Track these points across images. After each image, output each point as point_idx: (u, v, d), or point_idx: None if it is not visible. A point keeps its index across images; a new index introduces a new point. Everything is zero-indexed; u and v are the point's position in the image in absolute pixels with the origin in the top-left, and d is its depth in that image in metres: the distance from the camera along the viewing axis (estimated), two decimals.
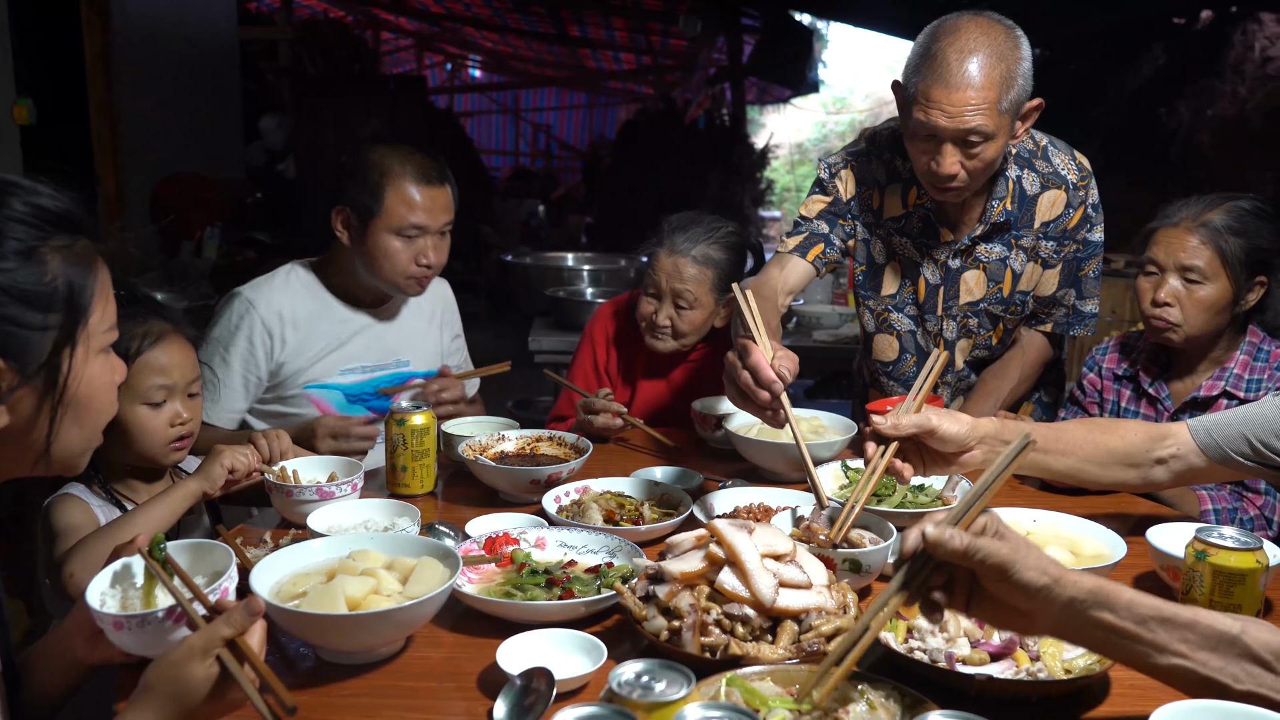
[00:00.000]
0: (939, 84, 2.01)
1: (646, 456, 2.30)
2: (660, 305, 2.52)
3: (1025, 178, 2.31)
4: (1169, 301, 2.19)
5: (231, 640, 1.10)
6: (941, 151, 2.07)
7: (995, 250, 2.35)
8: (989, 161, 2.10)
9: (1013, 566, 1.08)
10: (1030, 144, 2.34)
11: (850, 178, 2.42)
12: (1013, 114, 2.07)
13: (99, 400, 1.18)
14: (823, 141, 15.97)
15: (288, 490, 1.81)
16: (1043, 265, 2.37)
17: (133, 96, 6.30)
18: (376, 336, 2.49)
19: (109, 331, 1.18)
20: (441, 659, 1.38)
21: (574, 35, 12.47)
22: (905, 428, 1.58)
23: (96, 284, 1.14)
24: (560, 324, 4.30)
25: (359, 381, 2.45)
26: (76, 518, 1.80)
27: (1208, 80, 7.30)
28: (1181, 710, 1.14)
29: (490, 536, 1.65)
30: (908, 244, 2.40)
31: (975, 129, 2.03)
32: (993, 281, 2.38)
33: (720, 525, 1.37)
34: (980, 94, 2.00)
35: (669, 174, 9.80)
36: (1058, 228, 2.33)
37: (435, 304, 2.64)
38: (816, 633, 1.30)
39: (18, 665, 1.28)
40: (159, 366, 1.82)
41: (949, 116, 2.02)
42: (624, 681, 1.03)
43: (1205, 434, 1.71)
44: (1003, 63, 2.02)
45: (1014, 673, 1.29)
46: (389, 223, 2.30)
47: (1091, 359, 2.48)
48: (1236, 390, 2.22)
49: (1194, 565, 1.43)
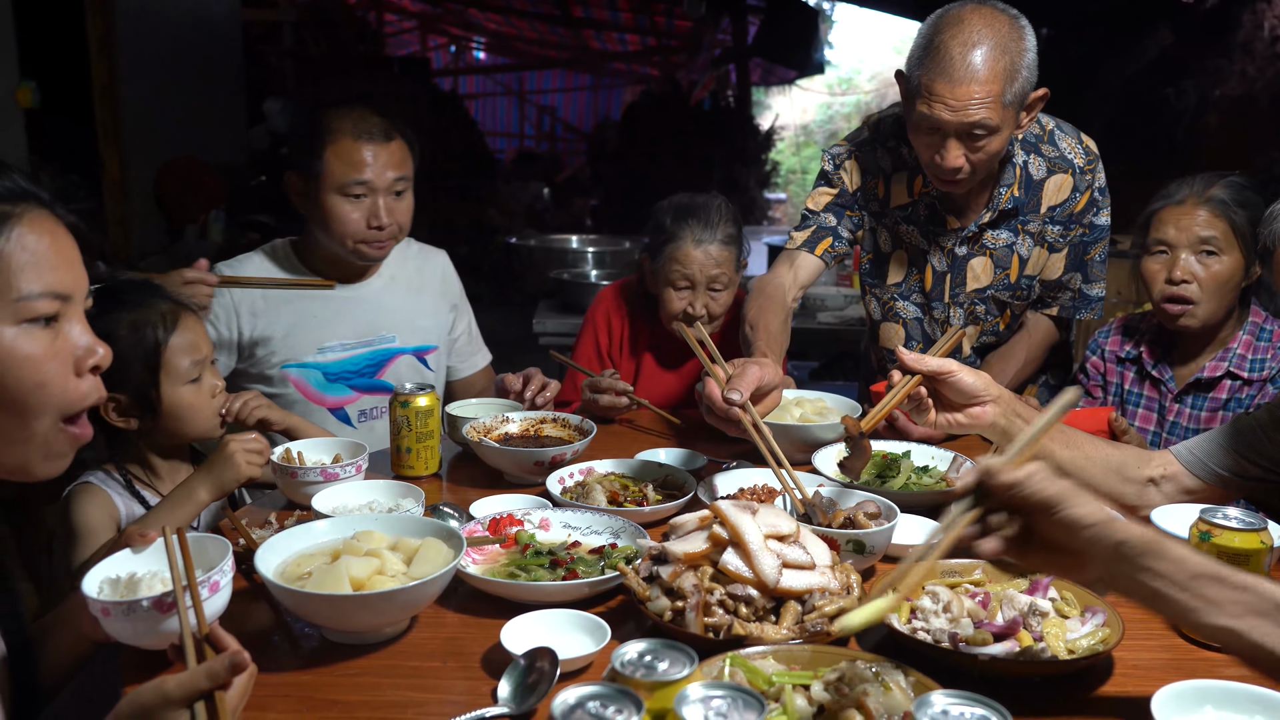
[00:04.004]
0: (942, 77, 2.00)
1: (650, 438, 2.30)
2: (695, 296, 2.51)
3: (1032, 163, 2.31)
4: (1185, 278, 2.18)
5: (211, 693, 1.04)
6: (946, 145, 2.07)
7: (1002, 237, 2.35)
8: (993, 154, 2.11)
9: (1062, 502, 1.12)
10: (1037, 128, 2.33)
11: (855, 168, 2.42)
12: (1017, 106, 2.07)
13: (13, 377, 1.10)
14: (828, 123, 15.91)
15: (292, 472, 1.81)
16: (1049, 249, 2.37)
17: (135, 80, 6.30)
18: (355, 311, 2.41)
19: (31, 301, 1.11)
20: (445, 639, 1.38)
21: (578, 16, 12.41)
22: (928, 364, 1.65)
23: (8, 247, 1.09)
24: (565, 306, 4.30)
25: (339, 360, 2.39)
26: (96, 516, 1.78)
27: (1215, 60, 7.25)
28: (1183, 690, 1.14)
29: (494, 517, 1.66)
30: (914, 232, 2.41)
31: (979, 123, 2.02)
32: (1000, 268, 2.38)
33: (724, 506, 1.37)
34: (984, 88, 1.99)
35: (674, 156, 9.77)
36: (1064, 212, 2.33)
37: (424, 275, 2.56)
38: (820, 613, 1.30)
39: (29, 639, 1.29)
40: (187, 345, 1.82)
41: (953, 111, 2.01)
42: (627, 661, 1.03)
43: (1188, 453, 1.76)
44: (1006, 55, 2.00)
45: (1017, 653, 1.29)
46: (331, 182, 2.25)
47: (1094, 342, 2.47)
48: (1240, 370, 2.22)
49: (1198, 546, 1.43)
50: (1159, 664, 1.34)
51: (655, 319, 2.59)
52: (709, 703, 0.96)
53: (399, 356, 2.46)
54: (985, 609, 1.38)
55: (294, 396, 2.35)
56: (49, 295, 1.12)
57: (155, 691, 1.03)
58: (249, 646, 1.12)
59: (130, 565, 1.31)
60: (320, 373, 2.38)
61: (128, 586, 1.27)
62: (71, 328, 1.17)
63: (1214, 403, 2.26)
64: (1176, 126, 7.24)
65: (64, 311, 1.15)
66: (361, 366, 2.42)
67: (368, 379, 2.42)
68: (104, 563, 1.30)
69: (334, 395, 2.39)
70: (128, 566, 1.31)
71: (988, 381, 1.67)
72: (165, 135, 6.63)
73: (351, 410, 2.42)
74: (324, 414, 2.38)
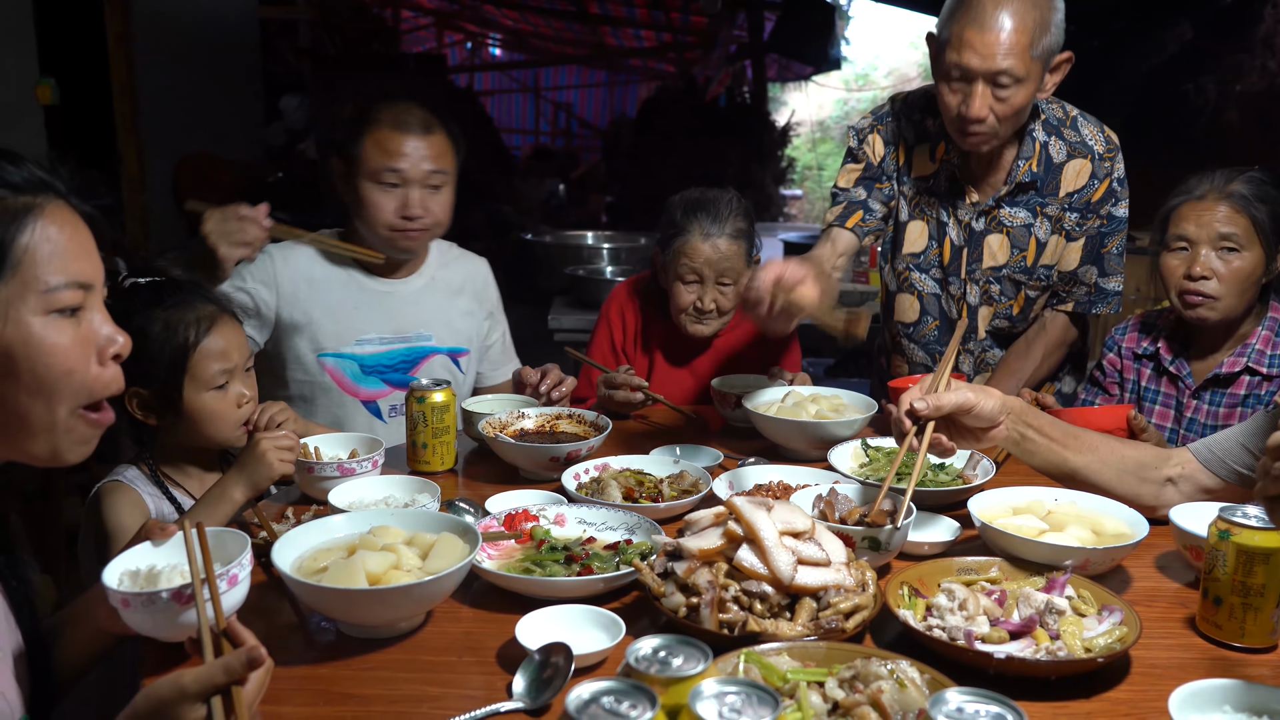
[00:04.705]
0: (973, 25, 2.09)
1: (666, 434, 2.30)
2: (703, 290, 2.50)
3: (1052, 144, 2.34)
4: (1205, 275, 2.17)
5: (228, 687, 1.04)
6: (972, 92, 2.13)
7: (1019, 215, 2.38)
8: (1017, 108, 2.16)
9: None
10: (1060, 112, 2.38)
11: (878, 140, 2.47)
12: (1043, 62, 2.13)
13: (43, 365, 1.12)
14: (844, 119, 15.82)
15: (309, 466, 1.82)
16: (1066, 237, 2.38)
17: (154, 76, 6.33)
18: (395, 306, 2.44)
19: (57, 293, 1.12)
20: (461, 634, 1.39)
21: (594, 13, 12.39)
22: (946, 407, 1.60)
23: (33, 240, 1.11)
24: (580, 303, 4.29)
25: (375, 353, 2.41)
26: (128, 515, 1.78)
27: (1236, 55, 7.18)
28: (1201, 689, 1.14)
29: (510, 513, 1.66)
30: (934, 202, 2.44)
31: (1007, 70, 2.09)
32: (1016, 249, 2.40)
33: (739, 502, 1.37)
34: (1013, 36, 2.07)
35: (690, 152, 9.74)
36: (1082, 199, 2.35)
37: (464, 280, 2.59)
38: (835, 610, 1.30)
39: (44, 633, 1.30)
40: (218, 351, 1.81)
41: (981, 57, 2.09)
42: (641, 656, 1.03)
43: (1206, 450, 1.74)
44: (1036, 9, 2.10)
45: (1033, 651, 1.28)
46: (366, 168, 2.28)
47: (1111, 339, 2.46)
48: (1259, 366, 2.20)
49: (1217, 544, 1.42)
50: (1176, 663, 1.33)
51: (669, 315, 2.58)
52: (723, 698, 0.96)
53: (433, 356, 2.48)
54: (1001, 607, 1.38)
55: (328, 384, 2.37)
56: (73, 285, 1.14)
57: (172, 685, 1.03)
58: (266, 639, 1.12)
59: (150, 558, 1.32)
60: (356, 364, 2.40)
61: (148, 579, 1.28)
62: (93, 317, 1.18)
63: (1232, 399, 2.24)
64: (1196, 122, 7.18)
65: (86, 301, 1.17)
66: (396, 362, 2.43)
67: (401, 374, 2.43)
68: (124, 555, 1.31)
69: (368, 388, 2.41)
70: (148, 559, 1.32)
71: (1001, 401, 1.65)
72: (183, 131, 6.67)
73: (383, 404, 2.44)
74: (356, 405, 2.41)
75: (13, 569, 1.26)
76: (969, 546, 1.65)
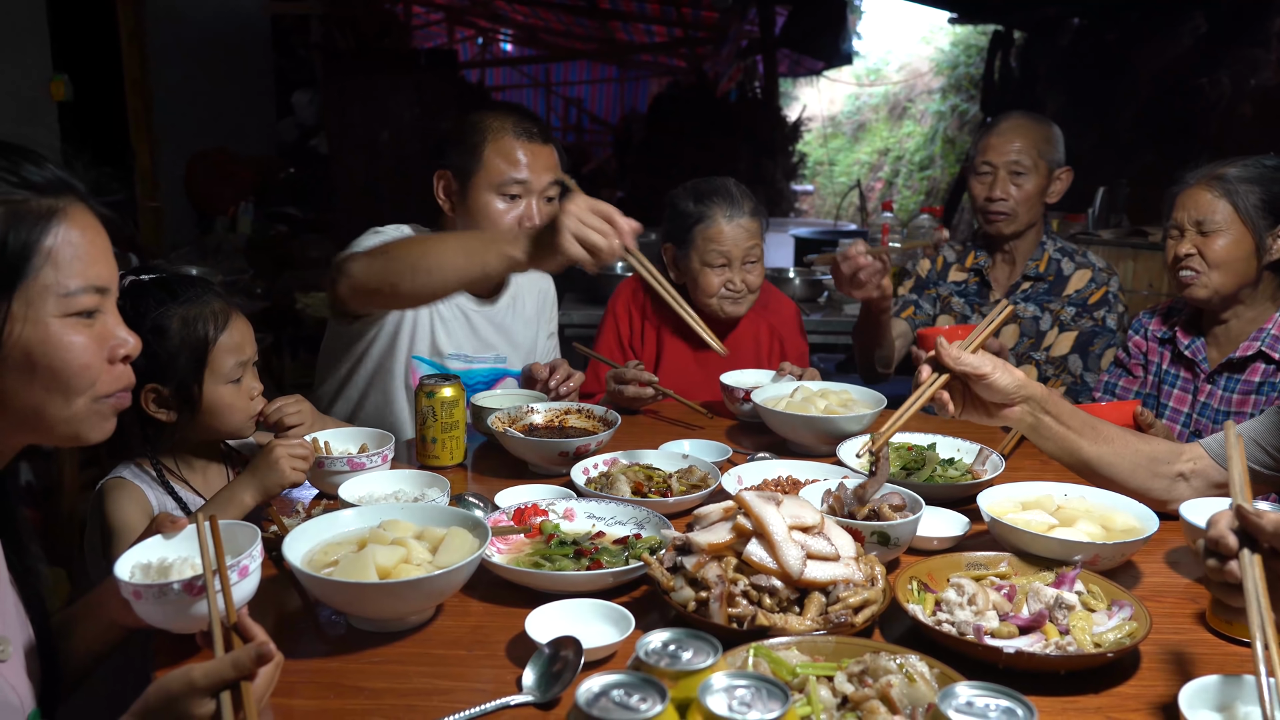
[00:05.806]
0: (992, 134, 2.82)
1: (675, 429, 2.31)
2: (732, 272, 2.55)
3: (1063, 261, 2.84)
4: (1190, 253, 2.26)
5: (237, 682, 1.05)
6: (995, 179, 2.76)
7: (1029, 309, 2.82)
8: (1029, 194, 2.77)
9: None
10: (1072, 245, 2.92)
11: (925, 262, 3.04)
12: (1049, 165, 2.78)
13: (60, 362, 1.14)
14: (856, 114, 15.76)
15: (319, 461, 1.83)
16: (1060, 328, 2.78)
17: (166, 73, 6.36)
18: (483, 329, 2.43)
19: (77, 297, 1.15)
20: (470, 628, 1.39)
21: (604, 8, 12.38)
22: (965, 364, 1.63)
23: (56, 244, 1.13)
24: (589, 297, 4.30)
25: (460, 370, 2.36)
26: (131, 514, 1.79)
27: (1251, 50, 7.13)
28: (1211, 685, 1.13)
29: (519, 507, 1.66)
30: (962, 304, 2.92)
31: (1019, 161, 2.75)
32: (1025, 337, 2.81)
33: (748, 497, 1.37)
34: (1023, 139, 2.76)
35: (700, 148, 9.72)
36: (1080, 296, 2.79)
37: (539, 302, 2.58)
38: (844, 604, 1.30)
39: (55, 626, 1.31)
40: (234, 345, 1.83)
41: (1000, 153, 2.77)
42: (651, 650, 1.03)
43: (1218, 445, 1.74)
44: (1041, 127, 2.81)
45: (1043, 646, 1.28)
46: (489, 179, 2.25)
47: (1138, 322, 2.54)
48: (1273, 351, 2.22)
49: None
50: (1186, 658, 1.33)
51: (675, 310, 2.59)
52: (733, 692, 0.96)
53: (506, 378, 2.48)
54: (1011, 602, 1.37)
55: (408, 383, 2.34)
56: (90, 290, 1.16)
57: (182, 680, 1.04)
58: (277, 633, 1.13)
59: (162, 551, 1.33)
60: None
61: (159, 571, 1.29)
62: (107, 318, 1.21)
63: (1246, 385, 2.26)
64: (1210, 116, 7.13)
65: (101, 304, 1.19)
66: (475, 381, 2.41)
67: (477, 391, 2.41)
68: (136, 548, 1.32)
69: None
70: (159, 552, 1.32)
71: (1021, 381, 1.65)
72: (195, 127, 6.70)
73: None
74: None
75: (23, 563, 1.27)
76: (978, 541, 1.65)
